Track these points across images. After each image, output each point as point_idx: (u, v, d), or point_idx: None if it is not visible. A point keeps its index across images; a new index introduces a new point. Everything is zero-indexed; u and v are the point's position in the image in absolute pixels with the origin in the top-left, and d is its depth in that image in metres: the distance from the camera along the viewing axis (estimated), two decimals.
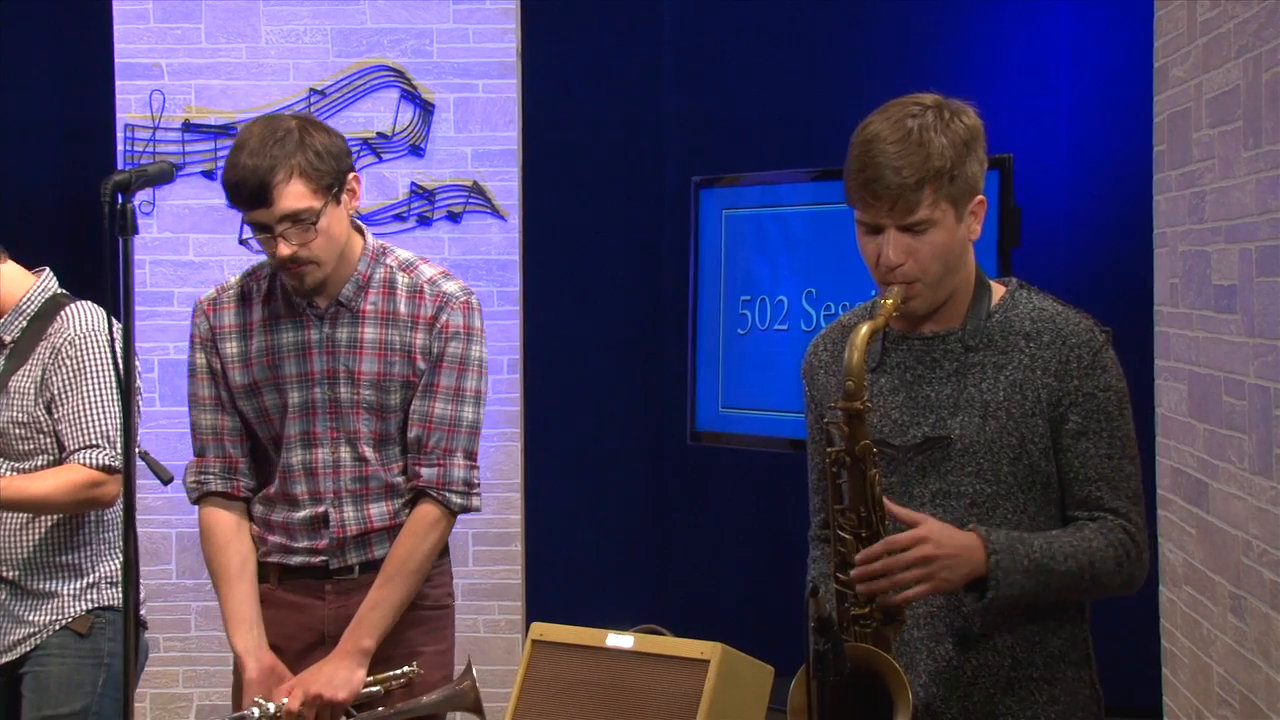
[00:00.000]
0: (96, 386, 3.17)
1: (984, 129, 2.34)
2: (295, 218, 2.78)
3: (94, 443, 3.15)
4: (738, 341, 5.82)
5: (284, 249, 2.80)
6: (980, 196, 2.34)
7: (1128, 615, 3.66)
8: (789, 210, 5.68)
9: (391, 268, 2.95)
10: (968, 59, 5.93)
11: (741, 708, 2.41)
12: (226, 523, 2.95)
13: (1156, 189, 3.86)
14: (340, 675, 2.83)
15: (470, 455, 2.95)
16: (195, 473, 2.98)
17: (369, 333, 2.91)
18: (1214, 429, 3.36)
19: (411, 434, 2.92)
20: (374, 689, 2.88)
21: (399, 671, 2.90)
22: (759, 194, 5.82)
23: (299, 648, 2.93)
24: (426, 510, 2.92)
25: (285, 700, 2.81)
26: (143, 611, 3.32)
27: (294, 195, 2.77)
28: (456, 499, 2.92)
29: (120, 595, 3.09)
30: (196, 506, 3.00)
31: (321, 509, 2.91)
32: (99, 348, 3.17)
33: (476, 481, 2.96)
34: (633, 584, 6.29)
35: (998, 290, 2.42)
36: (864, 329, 2.27)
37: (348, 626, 2.88)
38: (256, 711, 2.80)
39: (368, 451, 2.91)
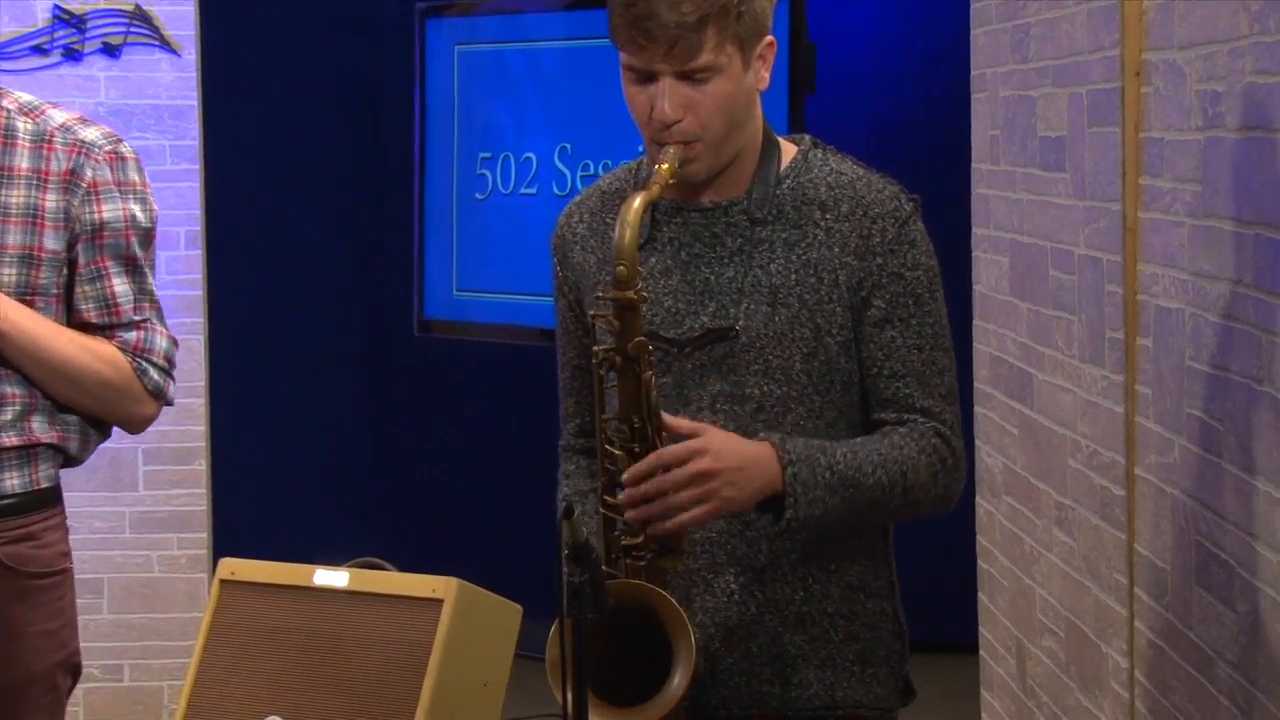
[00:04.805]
0: None
1: None
2: None
3: None
4: (475, 209, 5.79)
5: None
6: (770, 38, 2.37)
7: (939, 535, 3.79)
8: (538, 46, 5.66)
9: (9, 111, 2.84)
10: None
11: (484, 654, 2.44)
12: None
13: (974, 21, 3.95)
14: None
15: (165, 327, 2.87)
16: None
17: None
18: (1039, 309, 3.49)
19: (92, 319, 2.82)
20: None
21: None
22: (499, 25, 5.78)
23: None
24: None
25: None
26: None
27: None
28: (155, 374, 2.84)
29: None
30: None
31: None
32: None
33: (174, 364, 2.89)
34: (347, 509, 6.28)
35: (789, 150, 2.46)
36: (636, 201, 2.27)
37: None
38: None
39: None
